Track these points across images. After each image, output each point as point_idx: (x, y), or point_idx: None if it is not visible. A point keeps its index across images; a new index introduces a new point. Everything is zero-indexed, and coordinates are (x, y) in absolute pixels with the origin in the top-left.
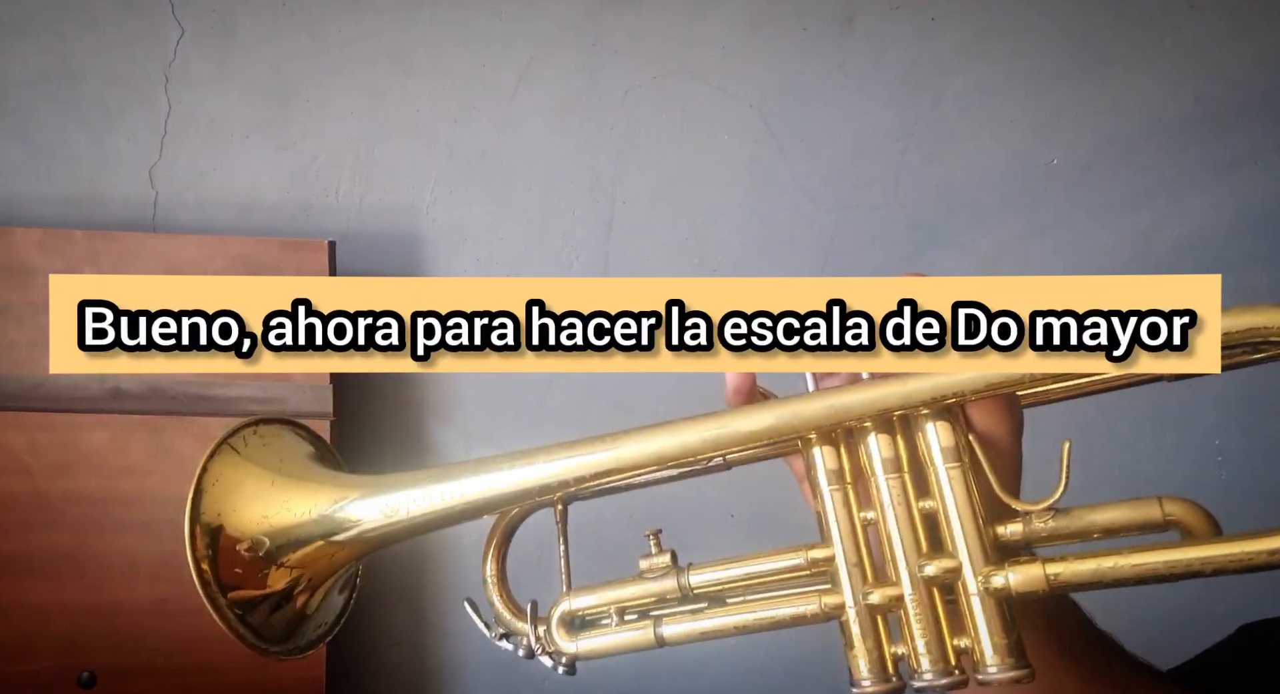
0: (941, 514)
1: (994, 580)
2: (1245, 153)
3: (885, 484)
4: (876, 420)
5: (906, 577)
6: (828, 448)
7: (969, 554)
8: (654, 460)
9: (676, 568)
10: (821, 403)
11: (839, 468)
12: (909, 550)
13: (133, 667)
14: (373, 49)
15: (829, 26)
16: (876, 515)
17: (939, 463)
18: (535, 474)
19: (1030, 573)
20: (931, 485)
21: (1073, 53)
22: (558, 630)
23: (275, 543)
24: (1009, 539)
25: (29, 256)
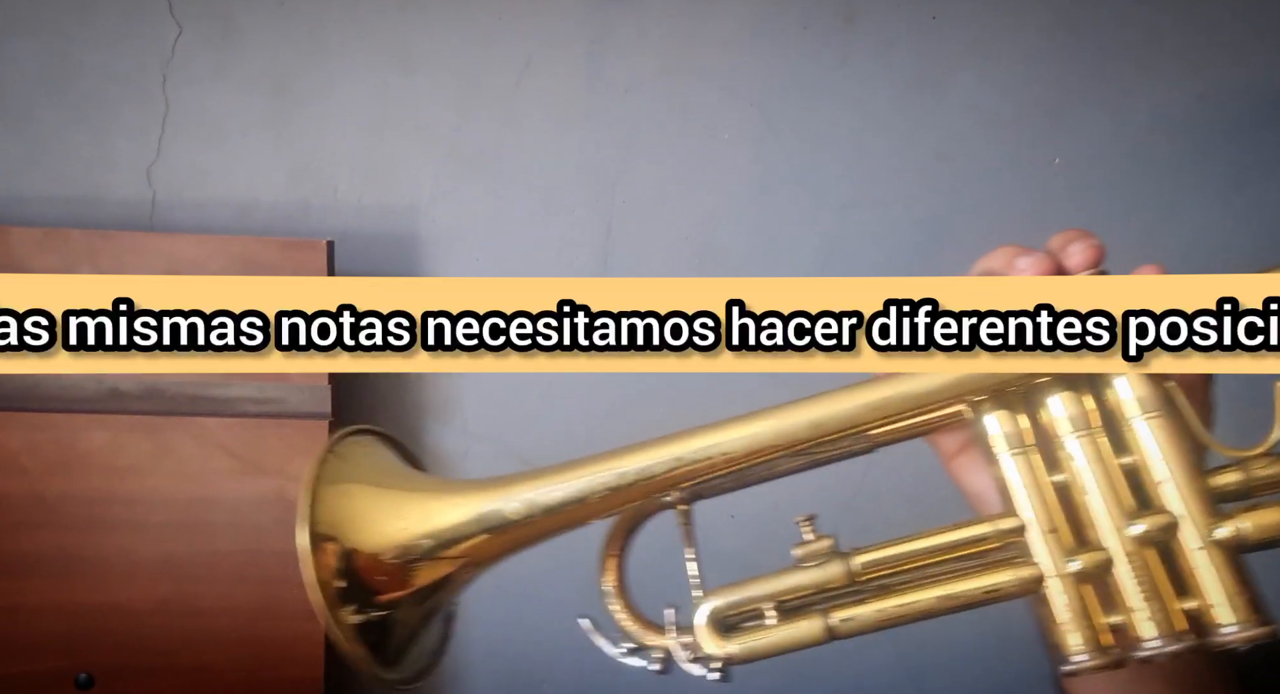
0: (1146, 470)
1: (1218, 532)
2: (1250, 151)
3: (1076, 442)
4: (1060, 376)
5: (1115, 538)
6: (1002, 411)
7: (1189, 507)
8: (812, 433)
9: (840, 553)
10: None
11: (1017, 431)
12: (1113, 509)
13: (131, 667)
14: (372, 48)
15: (830, 25)
16: (1068, 478)
17: (1136, 415)
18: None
19: (1269, 518)
20: (1129, 441)
21: (1076, 50)
22: (707, 634)
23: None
24: (1226, 488)
25: (26, 255)
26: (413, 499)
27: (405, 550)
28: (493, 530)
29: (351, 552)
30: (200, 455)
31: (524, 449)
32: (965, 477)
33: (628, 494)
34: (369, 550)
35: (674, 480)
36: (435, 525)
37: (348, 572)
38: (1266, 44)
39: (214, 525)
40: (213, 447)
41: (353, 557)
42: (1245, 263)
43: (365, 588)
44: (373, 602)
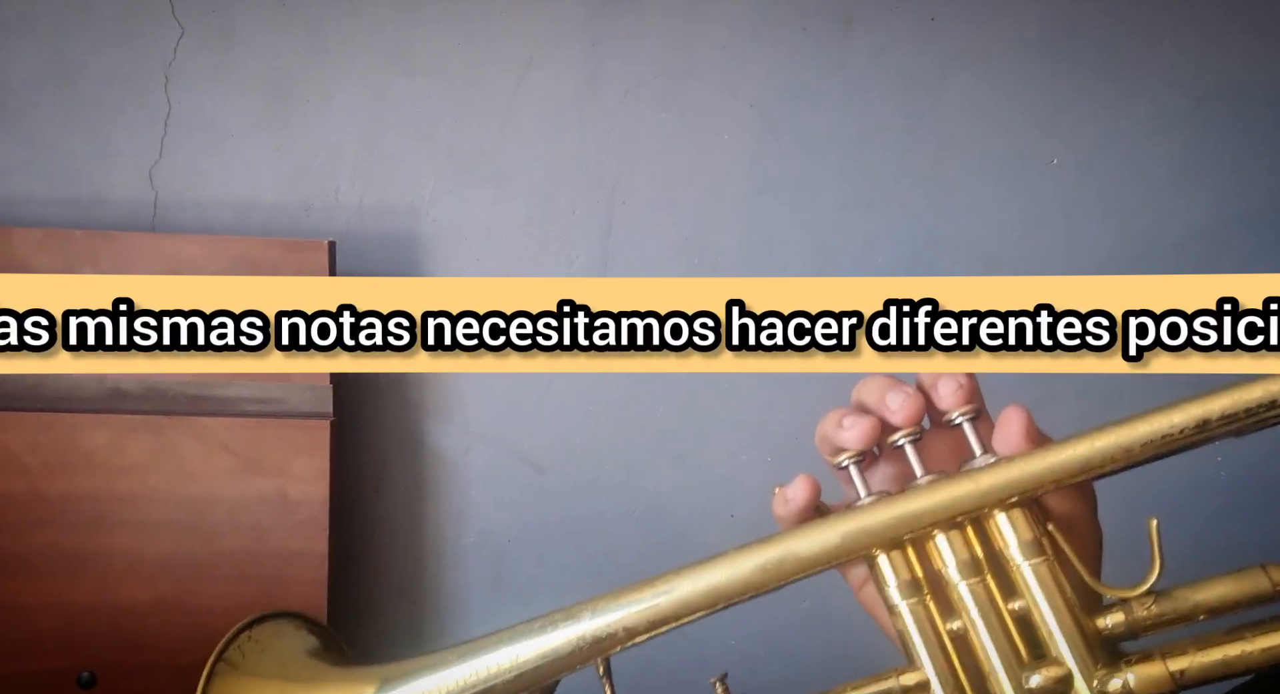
0: (1036, 615)
1: (1111, 684)
2: (1247, 152)
3: (966, 589)
4: (945, 523)
5: (1011, 692)
6: (897, 557)
7: (1076, 658)
8: (709, 602)
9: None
10: (888, 513)
11: (913, 579)
12: (1008, 661)
13: (133, 666)
14: (373, 49)
15: (829, 26)
16: (964, 624)
17: (1020, 560)
18: (580, 631)
19: (1152, 673)
20: (1018, 584)
21: (1074, 52)
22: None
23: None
24: (1112, 631)
25: (28, 256)
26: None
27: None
28: None
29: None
30: (202, 455)
31: (524, 449)
32: (874, 608)
33: (532, 676)
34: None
35: (577, 660)
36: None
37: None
38: (1264, 46)
39: (216, 525)
40: (214, 446)
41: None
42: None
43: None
44: None
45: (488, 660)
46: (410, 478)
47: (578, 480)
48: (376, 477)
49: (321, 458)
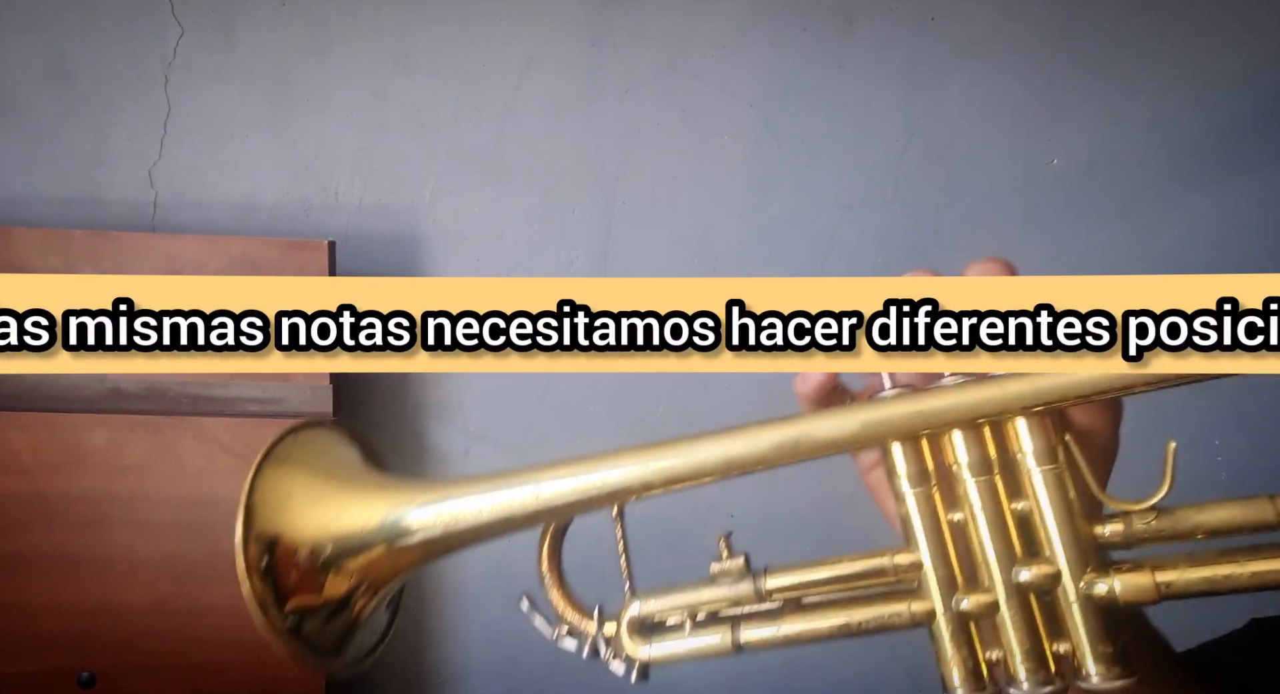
0: (1037, 516)
1: (1097, 587)
2: (1245, 151)
3: (974, 485)
4: (965, 423)
5: (1000, 583)
6: (910, 448)
7: (1068, 559)
8: (725, 467)
9: (751, 572)
10: (910, 408)
11: (923, 469)
12: (1002, 555)
13: (133, 666)
14: (372, 48)
15: (829, 26)
16: (965, 517)
17: (1032, 464)
18: (604, 479)
19: (1139, 581)
20: (1025, 486)
21: (1073, 52)
22: (628, 635)
23: (337, 549)
24: (1108, 539)
25: (28, 256)
26: (340, 496)
27: (314, 553)
28: (393, 543)
29: (276, 542)
30: (201, 455)
31: (524, 449)
32: (879, 491)
33: (549, 514)
34: (290, 544)
35: (594, 503)
36: (337, 532)
37: (272, 564)
38: (1262, 45)
39: (215, 525)
40: (214, 446)
41: (276, 548)
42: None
43: (290, 581)
44: (300, 594)
45: (511, 493)
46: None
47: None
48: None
49: None
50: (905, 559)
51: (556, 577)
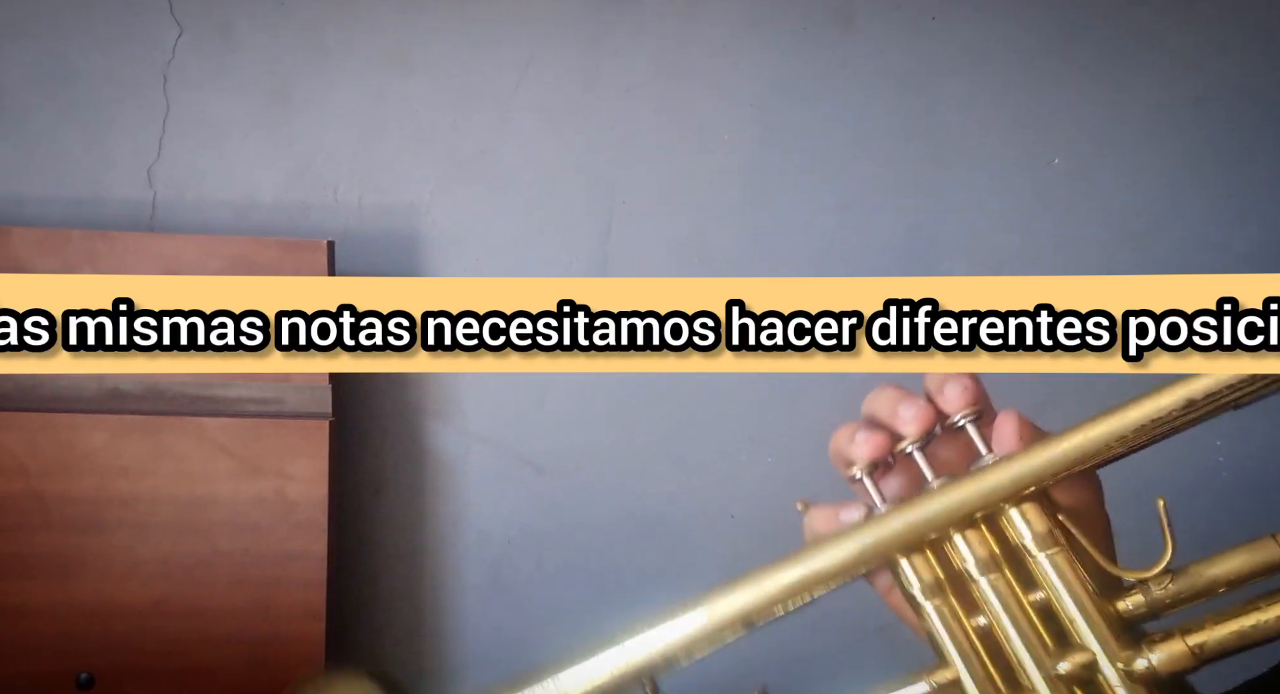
0: (1056, 604)
1: (1136, 665)
2: (1246, 152)
3: (988, 585)
4: (960, 523)
5: (1040, 680)
6: (919, 560)
7: (1100, 642)
8: (741, 620)
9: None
10: (900, 520)
11: (935, 580)
12: (1035, 650)
13: (131, 667)
14: (372, 49)
15: (829, 26)
16: (989, 619)
17: (1036, 551)
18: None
19: (1173, 649)
20: (1036, 576)
21: (1073, 52)
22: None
23: None
24: (1133, 613)
25: (26, 256)
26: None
27: None
28: None
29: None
30: (200, 455)
31: (524, 449)
32: (904, 612)
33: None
34: None
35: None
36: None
37: None
38: (1262, 46)
39: (214, 526)
40: (212, 447)
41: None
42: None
43: None
44: None
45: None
46: (410, 479)
47: (577, 481)
48: (376, 477)
49: (321, 459)
50: (943, 677)
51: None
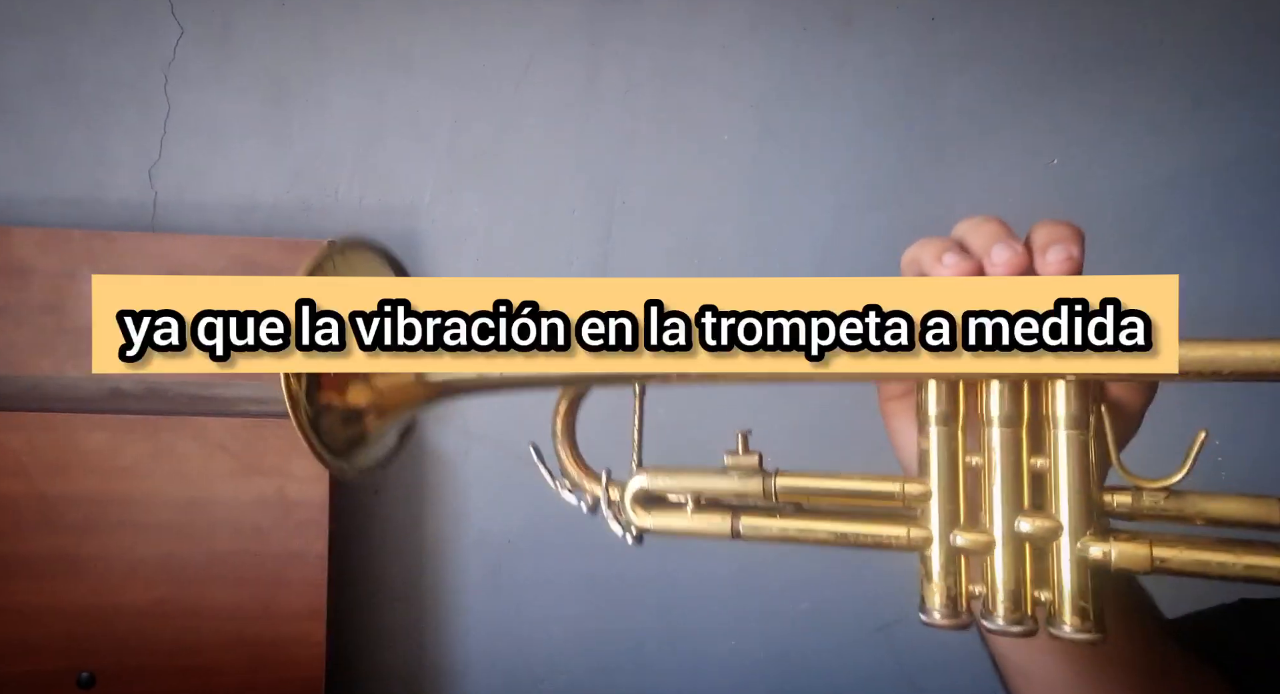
0: (1051, 477)
1: (1093, 550)
2: (1244, 153)
3: (998, 435)
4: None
5: (1001, 528)
6: (945, 388)
7: (1071, 519)
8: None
9: (763, 471)
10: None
11: (952, 410)
12: (1008, 503)
13: (132, 667)
14: (372, 49)
15: (828, 26)
16: (983, 461)
17: (1061, 428)
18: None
19: (1135, 551)
20: (1047, 445)
21: (1072, 53)
22: (631, 502)
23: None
24: (1114, 509)
25: (28, 257)
26: None
27: None
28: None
29: None
30: (200, 456)
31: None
32: (894, 420)
33: (577, 381)
34: None
35: (626, 380)
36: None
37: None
38: (1263, 47)
39: (214, 525)
40: (212, 447)
41: None
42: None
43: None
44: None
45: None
46: (410, 478)
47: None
48: (376, 477)
49: None
50: (915, 488)
51: (568, 437)
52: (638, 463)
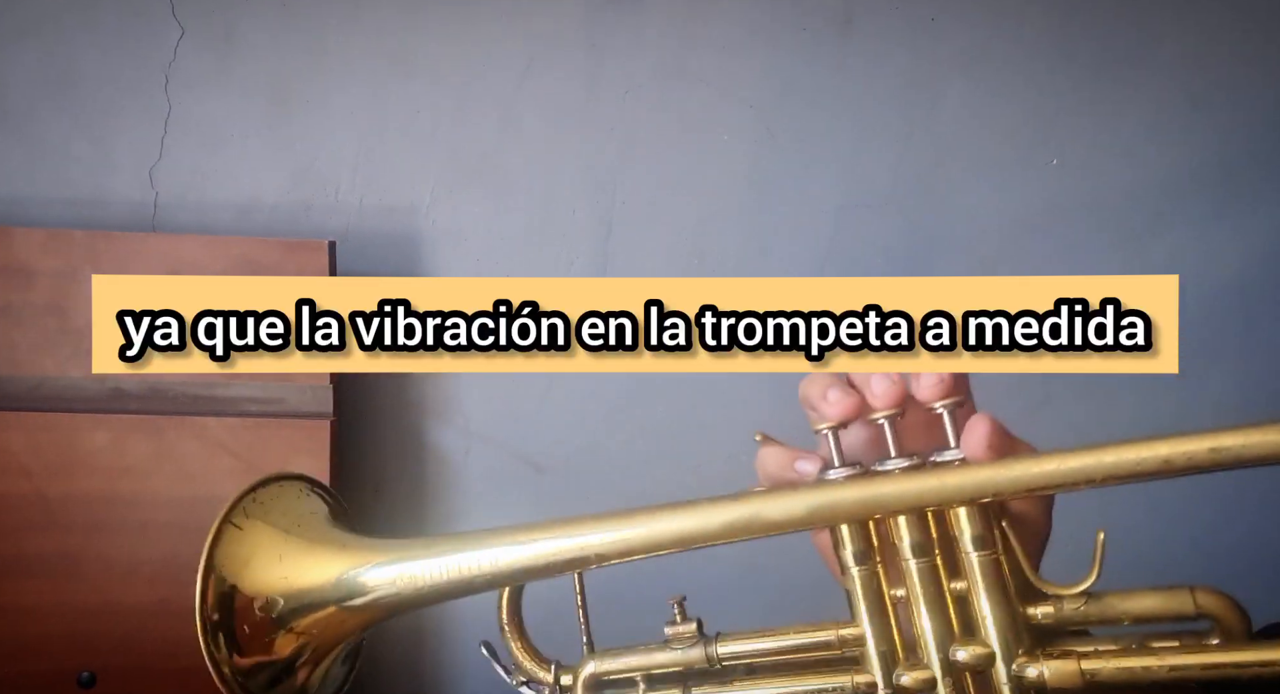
0: (973, 598)
1: (1028, 671)
2: (1243, 153)
3: (915, 567)
4: (908, 510)
5: (937, 662)
6: (857, 529)
7: (1000, 643)
8: (677, 543)
9: (704, 637)
10: (858, 494)
11: (868, 548)
12: (939, 634)
13: (133, 667)
14: (373, 50)
15: (828, 27)
16: (908, 594)
17: (970, 550)
18: (557, 548)
19: (1065, 669)
20: (962, 569)
21: (1072, 53)
22: (583, 689)
23: (289, 605)
24: (1040, 621)
25: (29, 257)
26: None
27: (265, 608)
28: (343, 603)
29: (242, 597)
30: (202, 455)
31: (524, 449)
32: (827, 553)
33: (507, 579)
34: (255, 596)
35: (551, 571)
36: (294, 586)
37: (229, 620)
38: (1262, 47)
39: None
40: (214, 447)
41: (234, 603)
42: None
43: (250, 631)
44: (257, 646)
45: (469, 558)
46: (410, 478)
47: (577, 480)
48: (376, 477)
49: (322, 458)
50: (850, 632)
51: (516, 629)
52: (588, 646)
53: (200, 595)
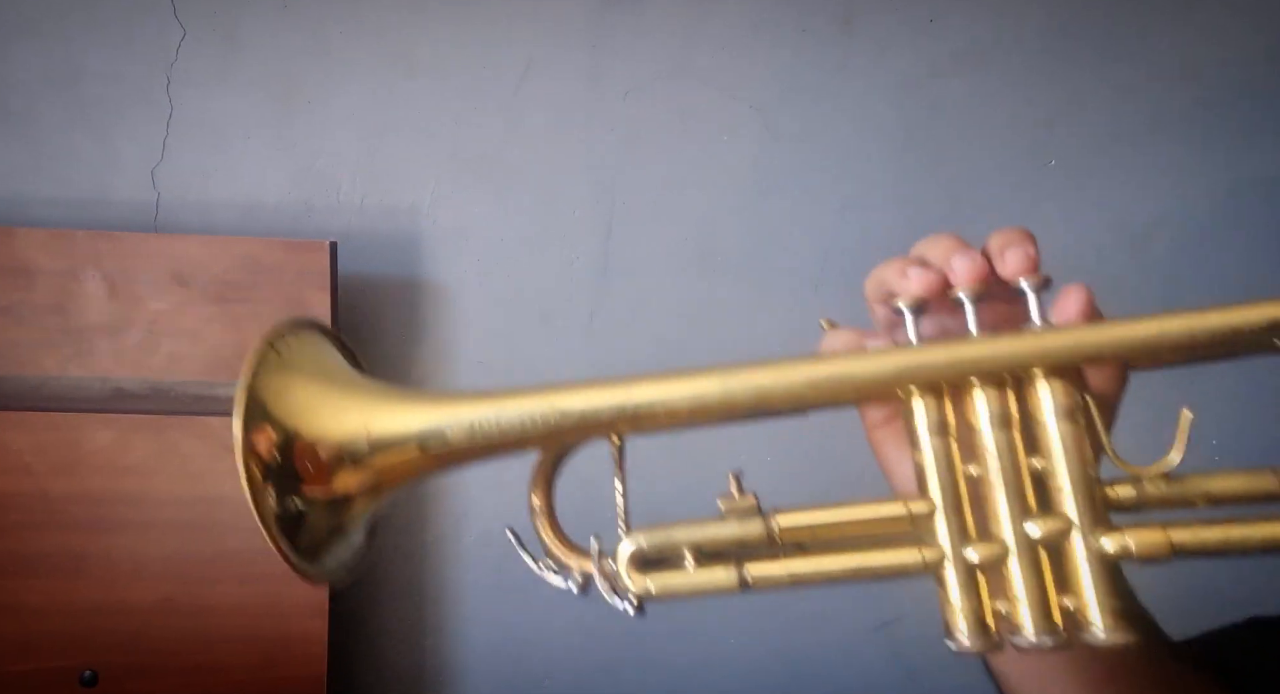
0: (1053, 473)
1: (1110, 544)
2: (1244, 153)
3: (993, 439)
4: (991, 375)
5: (1012, 535)
6: (930, 399)
7: (1080, 516)
8: (753, 402)
9: (761, 510)
10: (949, 355)
11: (943, 420)
12: (1015, 508)
13: (135, 666)
14: (374, 50)
15: (829, 27)
16: (982, 470)
17: (1053, 422)
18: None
19: (1153, 538)
20: (1043, 444)
21: (1072, 53)
22: (626, 568)
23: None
24: (1119, 501)
25: (31, 257)
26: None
27: (341, 449)
28: (428, 449)
29: (289, 438)
30: (204, 454)
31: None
32: (884, 448)
33: (566, 432)
34: (307, 440)
35: (614, 425)
36: (375, 431)
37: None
38: (1260, 48)
39: (218, 525)
40: (217, 446)
41: (289, 444)
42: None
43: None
44: (299, 491)
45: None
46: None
47: (577, 480)
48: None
49: None
50: (920, 507)
51: (547, 508)
52: (625, 525)
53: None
